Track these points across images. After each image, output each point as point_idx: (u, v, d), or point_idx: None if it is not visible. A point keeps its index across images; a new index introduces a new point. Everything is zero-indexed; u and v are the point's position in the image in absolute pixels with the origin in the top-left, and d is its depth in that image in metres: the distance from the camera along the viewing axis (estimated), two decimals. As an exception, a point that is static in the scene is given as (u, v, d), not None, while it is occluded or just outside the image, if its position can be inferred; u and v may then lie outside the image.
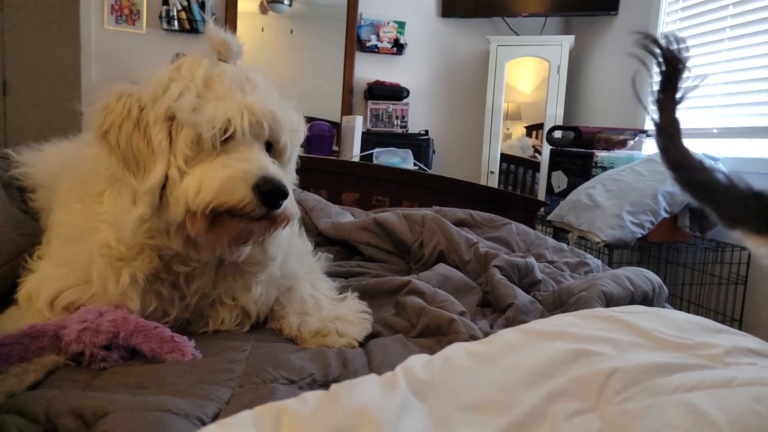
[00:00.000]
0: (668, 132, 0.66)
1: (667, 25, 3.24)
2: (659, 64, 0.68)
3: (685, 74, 0.67)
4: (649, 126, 3.30)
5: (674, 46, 0.67)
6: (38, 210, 1.23)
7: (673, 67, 0.67)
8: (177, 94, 0.91)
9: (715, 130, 2.81)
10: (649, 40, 0.68)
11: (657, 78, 0.69)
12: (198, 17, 3.78)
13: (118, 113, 0.91)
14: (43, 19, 4.53)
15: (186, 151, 0.88)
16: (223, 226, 0.89)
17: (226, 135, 0.90)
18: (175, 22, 3.75)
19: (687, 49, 0.67)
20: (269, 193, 0.87)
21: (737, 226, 0.54)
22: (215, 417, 0.69)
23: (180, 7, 3.74)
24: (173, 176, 0.89)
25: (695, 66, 2.91)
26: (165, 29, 3.77)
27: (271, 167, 0.90)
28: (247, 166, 0.88)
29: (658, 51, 0.67)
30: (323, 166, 2.16)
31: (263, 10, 3.95)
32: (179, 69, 0.96)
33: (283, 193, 0.88)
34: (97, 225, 0.95)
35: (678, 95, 0.67)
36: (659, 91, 0.68)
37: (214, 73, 0.96)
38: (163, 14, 3.73)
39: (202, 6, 3.78)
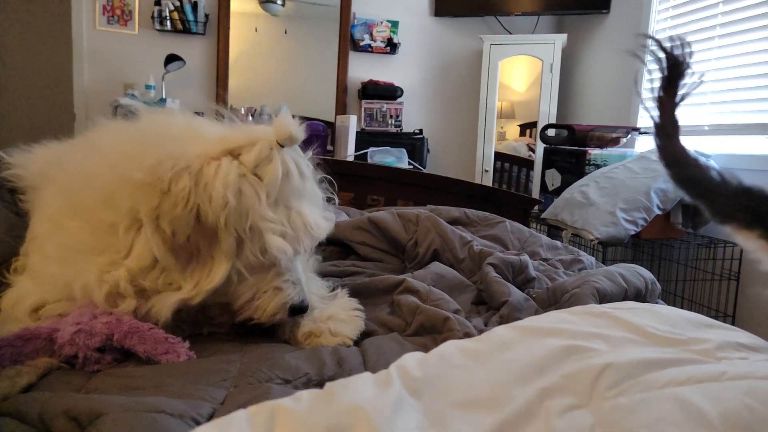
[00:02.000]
0: (666, 130, 0.67)
1: (658, 23, 3.26)
2: (661, 66, 0.69)
3: (687, 77, 0.68)
4: (642, 123, 3.32)
5: (678, 50, 0.68)
6: (28, 211, 1.23)
7: (675, 69, 0.68)
8: (256, 204, 0.88)
9: (706, 127, 2.83)
10: (653, 43, 0.69)
11: (658, 78, 0.70)
12: (191, 17, 3.77)
13: (180, 202, 0.85)
14: (34, 20, 4.51)
15: (252, 260, 0.90)
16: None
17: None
18: (168, 23, 3.74)
19: (690, 52, 0.68)
20: (297, 312, 0.98)
21: (728, 221, 0.54)
22: (210, 417, 0.69)
23: (172, 8, 3.73)
24: (232, 278, 0.91)
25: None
26: (157, 30, 3.77)
27: (304, 284, 0.98)
28: (293, 293, 0.96)
29: (662, 53, 0.68)
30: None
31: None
32: (245, 156, 0.90)
33: (305, 310, 0.99)
34: (102, 252, 0.92)
35: (678, 96, 0.68)
36: (660, 91, 0.69)
37: (283, 172, 0.92)
38: (155, 15, 3.72)
39: (195, 6, 3.77)
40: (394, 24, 4.09)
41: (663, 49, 0.68)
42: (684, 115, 2.94)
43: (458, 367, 0.61)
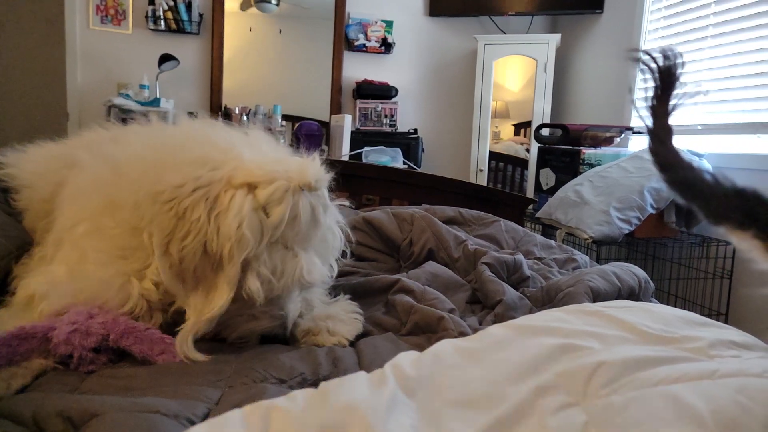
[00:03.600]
0: (660, 136, 0.68)
1: (651, 23, 3.27)
2: (654, 77, 0.70)
3: (679, 87, 0.70)
4: (636, 123, 3.33)
5: (670, 61, 0.70)
6: (21, 210, 1.23)
7: (667, 80, 0.70)
8: (258, 240, 0.89)
9: (699, 127, 2.84)
10: (645, 55, 0.71)
11: (651, 88, 0.71)
12: (185, 17, 3.76)
13: (192, 231, 0.87)
14: (28, 20, 4.48)
15: (240, 292, 0.91)
16: None
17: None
18: (162, 22, 3.73)
19: (682, 63, 0.70)
20: (268, 339, 0.98)
21: (722, 222, 0.55)
22: (205, 417, 0.69)
23: (166, 7, 3.72)
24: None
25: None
26: (151, 29, 3.75)
27: (288, 321, 0.98)
28: (267, 325, 0.96)
29: (654, 65, 0.70)
30: (312, 166, 2.15)
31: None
32: (260, 191, 0.90)
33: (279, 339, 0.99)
34: (128, 256, 0.95)
35: (671, 105, 0.70)
36: (653, 101, 0.71)
37: (291, 216, 0.92)
38: (149, 14, 3.70)
39: (189, 6, 3.76)
40: (389, 24, 4.09)
41: (655, 61, 0.70)
42: (677, 114, 2.96)
43: (453, 366, 0.61)
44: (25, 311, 0.93)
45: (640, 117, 0.72)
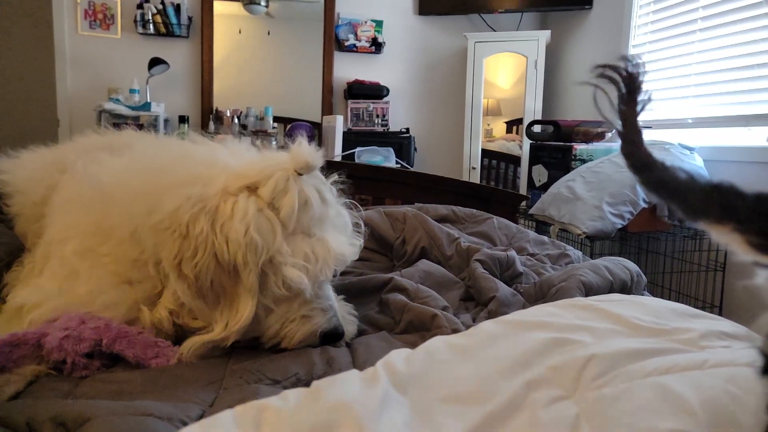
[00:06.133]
0: (631, 137, 0.71)
1: (640, 17, 3.28)
2: (619, 86, 0.74)
3: (642, 91, 0.74)
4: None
5: (631, 68, 0.74)
6: (14, 215, 1.22)
7: (632, 84, 0.74)
8: (272, 239, 0.88)
9: (690, 120, 2.86)
10: (607, 69, 0.75)
11: (617, 95, 0.76)
12: (174, 20, 3.75)
13: (199, 247, 0.86)
14: (16, 26, 4.45)
15: (277, 292, 0.91)
16: None
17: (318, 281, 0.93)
18: (150, 26, 3.71)
19: (644, 70, 0.74)
20: (331, 339, 0.96)
21: (700, 217, 0.56)
22: (199, 419, 0.69)
23: (155, 11, 3.70)
24: (258, 312, 0.91)
25: (669, 57, 2.98)
26: (140, 33, 3.74)
27: (337, 311, 0.98)
28: (323, 320, 0.95)
29: (617, 76, 0.73)
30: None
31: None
32: (262, 189, 0.90)
33: (339, 337, 0.97)
34: (133, 283, 0.95)
35: (638, 106, 0.73)
36: (621, 106, 0.75)
37: (301, 202, 0.91)
38: (138, 18, 3.69)
39: (177, 9, 3.74)
40: (379, 23, 4.09)
41: (617, 71, 0.74)
42: (668, 108, 2.98)
43: (445, 362, 0.62)
44: (15, 320, 0.93)
45: (603, 116, 0.76)
